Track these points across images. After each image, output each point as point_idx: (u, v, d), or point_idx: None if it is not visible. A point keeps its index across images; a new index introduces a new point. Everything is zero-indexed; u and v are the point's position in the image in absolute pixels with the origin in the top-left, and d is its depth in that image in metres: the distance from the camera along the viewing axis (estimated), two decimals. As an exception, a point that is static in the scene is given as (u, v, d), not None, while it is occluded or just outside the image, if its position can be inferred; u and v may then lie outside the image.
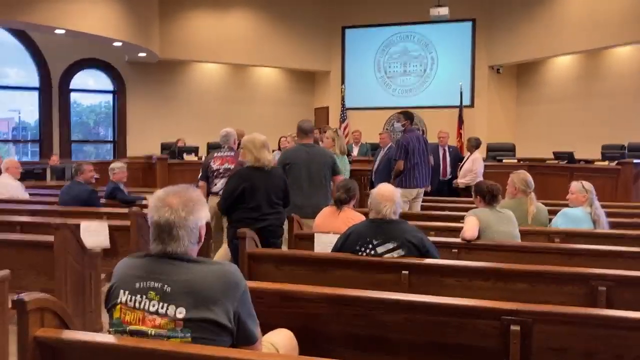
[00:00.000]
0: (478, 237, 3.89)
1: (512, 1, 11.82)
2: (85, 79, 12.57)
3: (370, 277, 3.26)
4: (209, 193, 5.54)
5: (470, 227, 3.89)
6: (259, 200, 4.12)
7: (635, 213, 5.82)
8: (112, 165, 6.43)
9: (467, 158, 8.21)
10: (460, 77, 12.37)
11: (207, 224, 2.14)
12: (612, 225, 4.67)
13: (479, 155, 8.12)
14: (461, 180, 7.96)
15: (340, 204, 4.19)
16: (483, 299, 2.59)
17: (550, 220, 4.72)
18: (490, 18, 12.26)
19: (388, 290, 2.87)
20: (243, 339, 1.95)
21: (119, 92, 12.56)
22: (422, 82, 12.91)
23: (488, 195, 4.04)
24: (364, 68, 13.22)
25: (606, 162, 8.43)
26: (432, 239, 3.54)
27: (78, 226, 4.48)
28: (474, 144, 8.18)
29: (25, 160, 11.53)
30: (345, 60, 13.34)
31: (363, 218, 3.68)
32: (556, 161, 9.39)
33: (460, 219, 4.66)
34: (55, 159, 9.65)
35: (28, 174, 8.33)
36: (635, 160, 7.85)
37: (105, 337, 1.92)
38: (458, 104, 12.12)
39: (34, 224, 4.95)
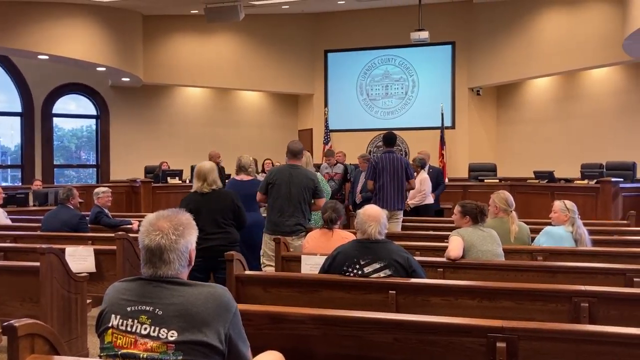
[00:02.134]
0: (463, 256, 3.95)
1: (490, 24, 12.09)
2: (68, 103, 12.54)
3: (358, 297, 3.29)
4: None
5: (455, 246, 3.95)
6: (202, 222, 4.16)
7: (615, 230, 5.93)
8: (96, 190, 6.42)
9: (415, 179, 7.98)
10: (441, 99, 12.57)
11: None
12: (593, 243, 4.76)
13: (426, 175, 7.88)
14: (411, 202, 7.81)
15: (331, 223, 4.30)
16: (469, 317, 2.63)
17: (532, 238, 4.80)
18: (470, 41, 12.52)
19: (376, 310, 2.91)
20: (234, 360, 1.96)
21: (102, 116, 12.54)
22: (404, 104, 13.08)
23: (479, 215, 4.12)
24: (347, 91, 13.38)
25: (585, 181, 8.58)
26: (417, 258, 3.59)
27: (63, 251, 4.46)
28: (419, 164, 7.86)
29: (5, 185, 11.42)
30: (328, 83, 13.50)
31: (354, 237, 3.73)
32: (537, 180, 9.53)
33: (444, 238, 4.73)
34: (38, 184, 9.57)
35: (10, 199, 8.26)
36: (613, 179, 8.01)
37: (98, 362, 1.92)
38: (439, 125, 12.30)
39: (18, 249, 4.91)
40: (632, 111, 10.17)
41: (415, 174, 7.90)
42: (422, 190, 7.72)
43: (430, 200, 7.85)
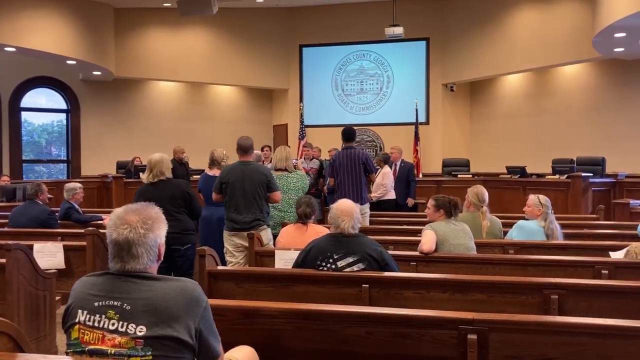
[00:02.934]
0: (435, 250, 3.97)
1: (464, 21, 12.18)
2: (37, 97, 12.27)
3: (332, 291, 3.29)
4: None
5: (427, 240, 3.97)
6: None
7: (585, 224, 6.04)
8: (71, 186, 6.29)
9: (377, 173, 8.10)
10: (416, 95, 12.63)
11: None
12: (565, 237, 4.84)
13: (388, 169, 8.10)
14: (374, 194, 8.00)
15: (305, 218, 4.32)
16: (441, 310, 2.64)
17: (504, 232, 4.85)
18: (444, 37, 12.60)
19: (349, 304, 2.92)
20: (205, 355, 1.94)
21: (73, 111, 12.31)
22: (379, 99, 13.12)
23: (452, 208, 4.16)
24: (322, 86, 13.36)
25: (557, 176, 8.71)
26: (391, 252, 3.60)
27: (31, 247, 4.37)
28: (383, 159, 8.20)
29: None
30: (303, 78, 13.46)
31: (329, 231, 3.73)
32: (509, 175, 9.65)
33: (418, 233, 4.76)
34: (6, 179, 9.35)
35: (-23, 195, 8.06)
36: (583, 174, 8.14)
37: (63, 359, 1.88)
38: (414, 121, 12.36)
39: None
40: (602, 107, 10.37)
41: (379, 168, 8.05)
42: (384, 183, 7.86)
43: (392, 195, 8.02)
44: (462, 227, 4.15)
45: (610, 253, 4.16)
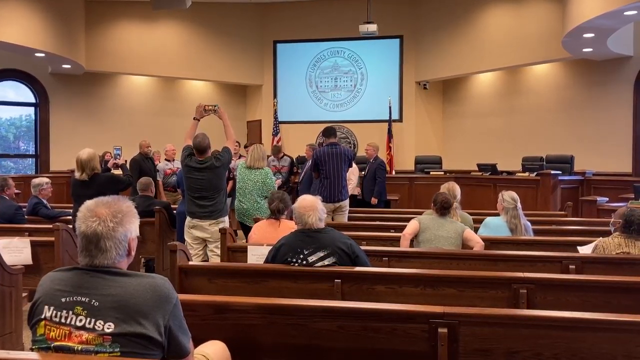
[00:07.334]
0: (416, 238, 4.17)
1: (437, 20, 12.28)
2: (5, 91, 11.97)
3: (304, 286, 3.29)
4: None
5: (406, 229, 4.28)
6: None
7: (553, 221, 6.16)
8: (38, 181, 6.17)
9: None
10: (389, 92, 12.69)
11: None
12: (535, 233, 4.93)
13: (355, 166, 8.19)
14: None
15: (278, 213, 4.33)
16: (413, 304, 2.66)
17: (476, 229, 4.92)
18: (417, 35, 12.68)
19: (322, 299, 2.92)
20: (174, 352, 1.92)
21: (42, 105, 12.05)
22: (353, 96, 13.15)
23: (438, 205, 4.42)
24: (296, 82, 13.33)
25: (526, 174, 8.86)
26: (363, 248, 3.62)
27: (-3, 243, 4.27)
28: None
29: (-63, 176, 10.82)
30: (278, 74, 13.41)
31: None
32: (480, 173, 9.77)
33: (391, 229, 4.84)
34: (-29, 174, 9.13)
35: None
36: (552, 172, 8.29)
37: (29, 355, 1.84)
38: (387, 118, 12.42)
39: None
40: (570, 106, 10.56)
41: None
42: (352, 179, 8.00)
43: (356, 190, 8.24)
44: (452, 225, 4.36)
45: (578, 248, 4.26)
